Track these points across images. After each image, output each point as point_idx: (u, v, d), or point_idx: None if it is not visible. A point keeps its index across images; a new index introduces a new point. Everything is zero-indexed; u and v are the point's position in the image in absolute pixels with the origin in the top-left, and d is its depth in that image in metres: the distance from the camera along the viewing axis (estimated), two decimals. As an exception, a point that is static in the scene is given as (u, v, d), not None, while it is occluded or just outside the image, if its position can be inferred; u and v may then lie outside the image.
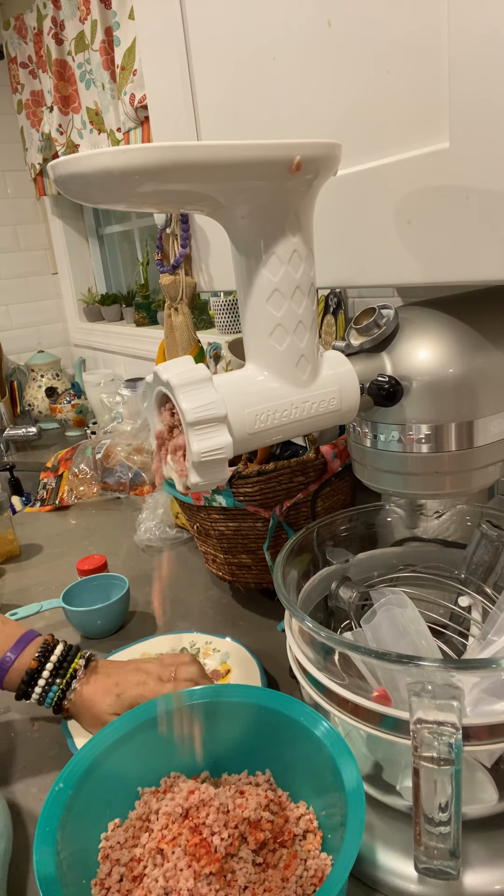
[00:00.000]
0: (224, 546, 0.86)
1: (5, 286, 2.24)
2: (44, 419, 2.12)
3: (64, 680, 0.67)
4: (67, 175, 0.37)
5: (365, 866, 0.51)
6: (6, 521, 1.16)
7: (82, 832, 0.49)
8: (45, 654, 0.67)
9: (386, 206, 0.48)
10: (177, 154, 0.36)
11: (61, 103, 1.75)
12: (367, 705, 0.47)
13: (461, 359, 0.48)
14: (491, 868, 0.48)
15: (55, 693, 0.66)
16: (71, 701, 0.67)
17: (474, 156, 0.42)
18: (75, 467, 1.42)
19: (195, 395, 0.40)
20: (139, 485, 1.38)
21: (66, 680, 0.67)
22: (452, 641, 0.58)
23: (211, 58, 0.61)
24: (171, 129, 0.69)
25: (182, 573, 1.05)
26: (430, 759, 0.42)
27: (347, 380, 0.48)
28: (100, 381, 1.86)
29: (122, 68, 1.40)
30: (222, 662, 0.80)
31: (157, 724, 0.55)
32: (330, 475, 0.80)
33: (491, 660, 0.48)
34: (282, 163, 0.39)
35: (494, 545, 0.61)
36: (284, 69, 0.54)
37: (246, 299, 0.45)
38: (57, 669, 0.67)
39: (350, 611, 0.61)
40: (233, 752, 0.55)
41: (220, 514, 0.82)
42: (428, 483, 0.52)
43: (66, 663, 0.68)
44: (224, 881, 0.45)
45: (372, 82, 0.47)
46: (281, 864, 0.47)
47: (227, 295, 1.42)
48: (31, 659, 0.66)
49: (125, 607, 0.90)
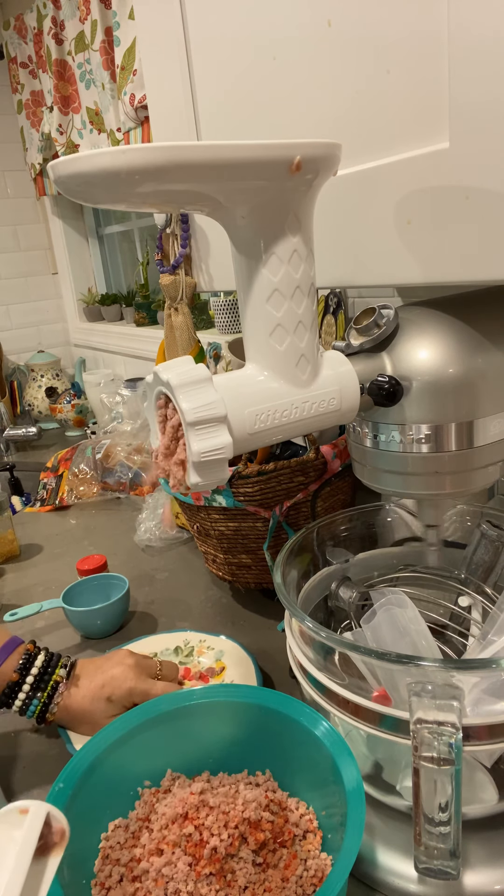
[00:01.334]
0: (224, 546, 0.86)
1: (5, 286, 2.24)
2: (44, 419, 2.12)
3: (45, 693, 0.66)
4: (67, 175, 0.37)
5: (365, 866, 0.51)
6: (6, 521, 1.16)
7: (82, 832, 0.49)
8: (26, 667, 0.66)
9: (386, 206, 0.48)
10: (177, 154, 0.36)
11: (61, 103, 1.75)
12: (367, 705, 0.47)
13: (461, 359, 0.48)
14: (491, 868, 0.48)
15: (36, 707, 0.66)
16: (54, 714, 0.66)
17: (474, 156, 0.42)
18: (75, 467, 1.42)
19: (195, 395, 0.40)
20: (139, 485, 1.38)
21: (46, 693, 0.66)
22: (452, 641, 0.58)
23: (211, 58, 0.61)
24: (171, 129, 0.69)
25: (182, 573, 1.05)
26: (430, 759, 0.42)
27: (347, 380, 0.48)
28: (100, 381, 1.86)
29: (122, 68, 1.40)
30: (217, 660, 0.80)
31: (156, 724, 0.55)
32: (330, 475, 0.80)
33: (491, 660, 0.48)
34: (282, 163, 0.39)
35: (494, 545, 0.61)
36: (284, 69, 0.54)
37: (246, 299, 0.45)
38: (38, 682, 0.66)
39: (350, 611, 0.61)
40: (233, 752, 0.55)
41: (220, 514, 0.82)
42: (428, 483, 0.52)
43: (46, 675, 0.67)
44: (224, 881, 0.46)
45: (372, 82, 0.47)
46: (281, 864, 0.47)
47: (227, 295, 1.42)
48: (12, 671, 0.65)
49: (125, 607, 0.90)
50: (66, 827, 0.37)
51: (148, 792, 0.54)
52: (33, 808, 0.36)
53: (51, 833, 0.37)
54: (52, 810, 0.37)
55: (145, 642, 0.84)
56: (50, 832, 0.37)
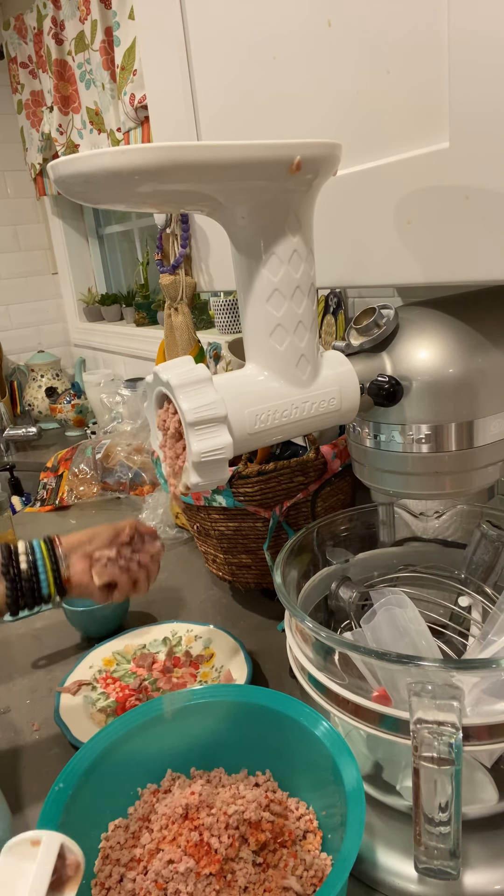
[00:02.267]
0: (224, 546, 0.86)
1: (5, 286, 2.24)
2: (44, 419, 2.12)
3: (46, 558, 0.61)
4: (67, 175, 0.37)
5: (365, 866, 0.51)
6: (6, 521, 1.16)
7: (82, 832, 0.49)
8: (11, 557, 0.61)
9: (386, 206, 0.48)
10: (177, 154, 0.36)
11: (61, 103, 1.75)
12: (367, 705, 0.47)
13: (461, 359, 0.48)
14: (491, 868, 0.48)
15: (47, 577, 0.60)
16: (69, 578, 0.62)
17: (474, 156, 0.42)
18: (75, 467, 1.42)
19: (195, 396, 0.40)
20: (139, 485, 1.38)
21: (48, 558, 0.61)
22: (452, 641, 0.58)
23: (211, 58, 0.61)
24: (171, 129, 0.69)
25: (182, 573, 1.05)
26: (430, 759, 0.42)
27: (347, 380, 0.48)
28: (100, 381, 1.85)
29: (122, 68, 1.40)
30: (205, 647, 0.81)
31: (156, 724, 0.55)
32: (330, 475, 0.80)
33: (491, 660, 0.48)
34: (282, 163, 0.39)
35: (494, 545, 0.61)
36: (284, 69, 0.54)
37: (246, 299, 0.45)
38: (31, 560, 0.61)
39: (350, 611, 0.61)
40: (233, 752, 0.55)
41: (220, 514, 0.82)
42: (428, 483, 0.52)
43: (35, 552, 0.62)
44: (224, 882, 0.45)
45: (372, 82, 0.47)
46: (281, 864, 0.47)
47: (227, 295, 1.42)
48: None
49: (125, 607, 0.90)
50: (80, 860, 0.34)
51: (148, 792, 0.54)
52: (45, 838, 0.34)
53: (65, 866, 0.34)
54: (66, 841, 0.34)
55: (133, 634, 0.85)
56: (64, 865, 0.34)
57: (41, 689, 0.79)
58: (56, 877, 0.33)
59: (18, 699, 0.77)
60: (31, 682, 0.80)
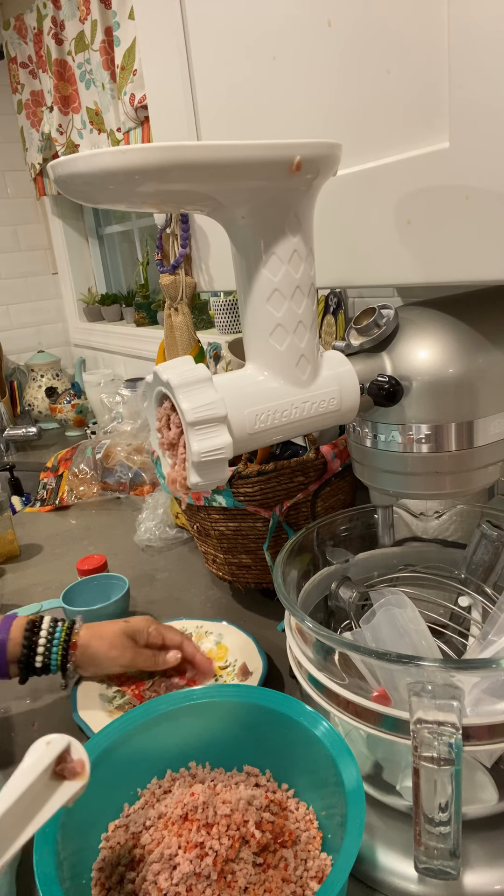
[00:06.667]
0: (224, 546, 0.86)
1: (5, 286, 2.24)
2: (44, 419, 2.12)
3: (62, 635, 0.70)
4: (67, 175, 0.37)
5: (365, 866, 0.51)
6: (6, 521, 1.16)
7: (82, 832, 0.49)
8: (34, 630, 0.70)
9: (386, 206, 0.48)
10: (177, 154, 0.36)
11: (61, 103, 1.75)
12: (367, 705, 0.47)
13: (461, 359, 0.48)
14: (491, 868, 0.48)
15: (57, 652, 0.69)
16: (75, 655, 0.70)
17: (474, 156, 0.42)
18: (75, 467, 1.42)
19: (195, 395, 0.40)
20: (139, 485, 1.38)
21: (63, 634, 0.70)
22: (452, 641, 0.58)
23: (211, 58, 0.61)
24: (171, 129, 0.69)
25: (182, 573, 1.05)
26: (430, 759, 0.42)
27: (347, 380, 0.48)
28: (100, 381, 1.86)
29: (122, 68, 1.40)
30: (217, 643, 0.81)
31: (156, 724, 0.54)
32: (330, 475, 0.80)
33: (491, 660, 0.48)
34: (282, 163, 0.39)
35: (494, 545, 0.61)
36: (284, 69, 0.54)
37: (246, 299, 0.45)
38: (51, 635, 0.70)
39: (350, 611, 0.61)
40: (233, 753, 0.55)
41: (220, 514, 0.82)
42: (428, 483, 0.52)
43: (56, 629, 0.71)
44: (224, 882, 0.45)
45: (372, 82, 0.47)
46: (281, 864, 0.47)
47: (227, 295, 1.42)
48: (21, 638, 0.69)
49: (125, 607, 0.90)
50: (86, 760, 0.41)
51: (148, 792, 0.54)
52: (55, 739, 0.41)
53: (71, 761, 0.40)
54: (73, 742, 0.41)
55: None
56: (71, 761, 0.40)
57: (41, 688, 0.79)
58: (61, 767, 0.40)
59: (18, 699, 0.77)
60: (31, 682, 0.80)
